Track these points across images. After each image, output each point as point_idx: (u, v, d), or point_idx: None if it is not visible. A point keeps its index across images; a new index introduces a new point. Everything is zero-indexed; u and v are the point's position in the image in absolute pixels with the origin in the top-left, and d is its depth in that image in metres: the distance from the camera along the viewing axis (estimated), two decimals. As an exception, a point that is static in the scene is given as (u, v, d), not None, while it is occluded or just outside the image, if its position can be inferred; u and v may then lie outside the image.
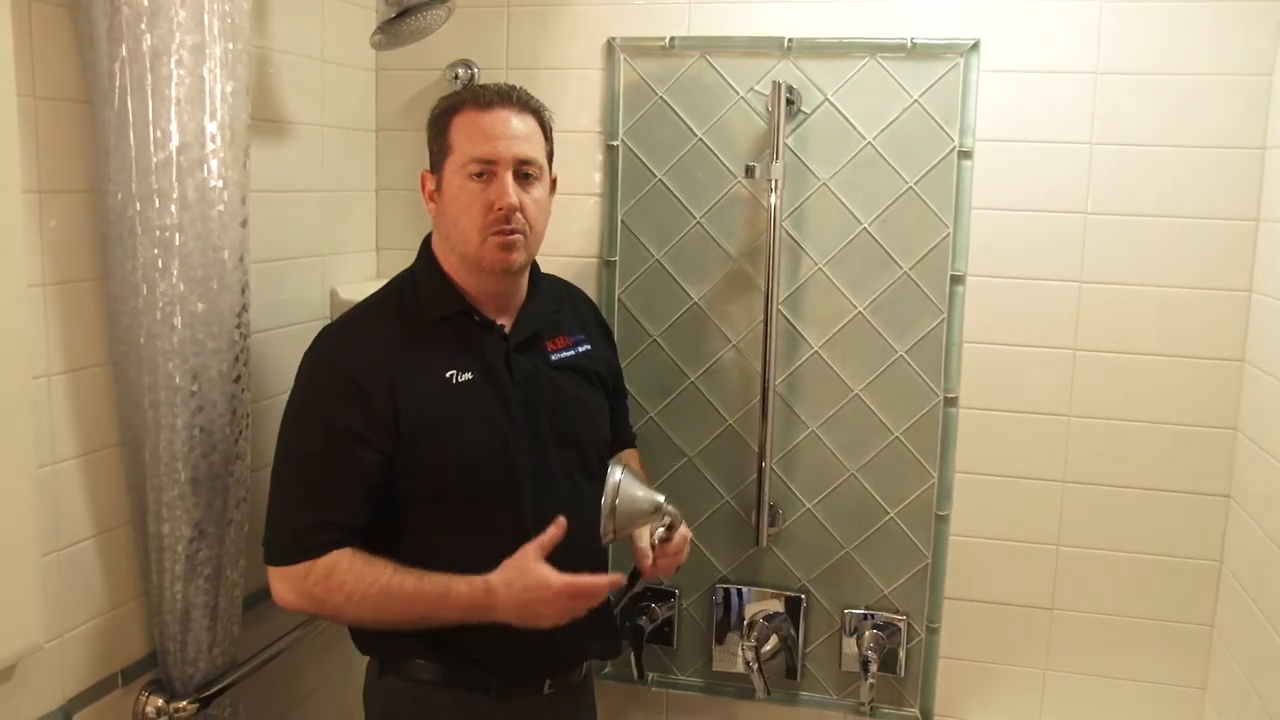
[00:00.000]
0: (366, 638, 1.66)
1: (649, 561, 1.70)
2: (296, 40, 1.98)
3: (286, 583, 1.54)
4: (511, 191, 1.54)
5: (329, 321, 2.13)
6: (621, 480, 1.61)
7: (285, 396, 1.94)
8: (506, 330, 1.65)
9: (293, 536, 1.53)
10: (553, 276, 1.81)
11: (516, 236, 1.56)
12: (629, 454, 1.93)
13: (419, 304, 1.62)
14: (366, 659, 1.73)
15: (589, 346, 1.76)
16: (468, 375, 1.59)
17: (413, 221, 2.27)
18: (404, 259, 2.24)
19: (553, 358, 1.70)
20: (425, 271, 1.65)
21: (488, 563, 1.54)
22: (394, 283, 1.69)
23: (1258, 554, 1.85)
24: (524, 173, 1.57)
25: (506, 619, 1.53)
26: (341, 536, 1.53)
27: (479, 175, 1.55)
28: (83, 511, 1.58)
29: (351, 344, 1.58)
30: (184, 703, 1.70)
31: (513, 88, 1.61)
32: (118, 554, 1.66)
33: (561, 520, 1.55)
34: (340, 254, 2.18)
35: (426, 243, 1.69)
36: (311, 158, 2.05)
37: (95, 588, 1.62)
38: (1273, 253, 1.87)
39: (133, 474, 1.65)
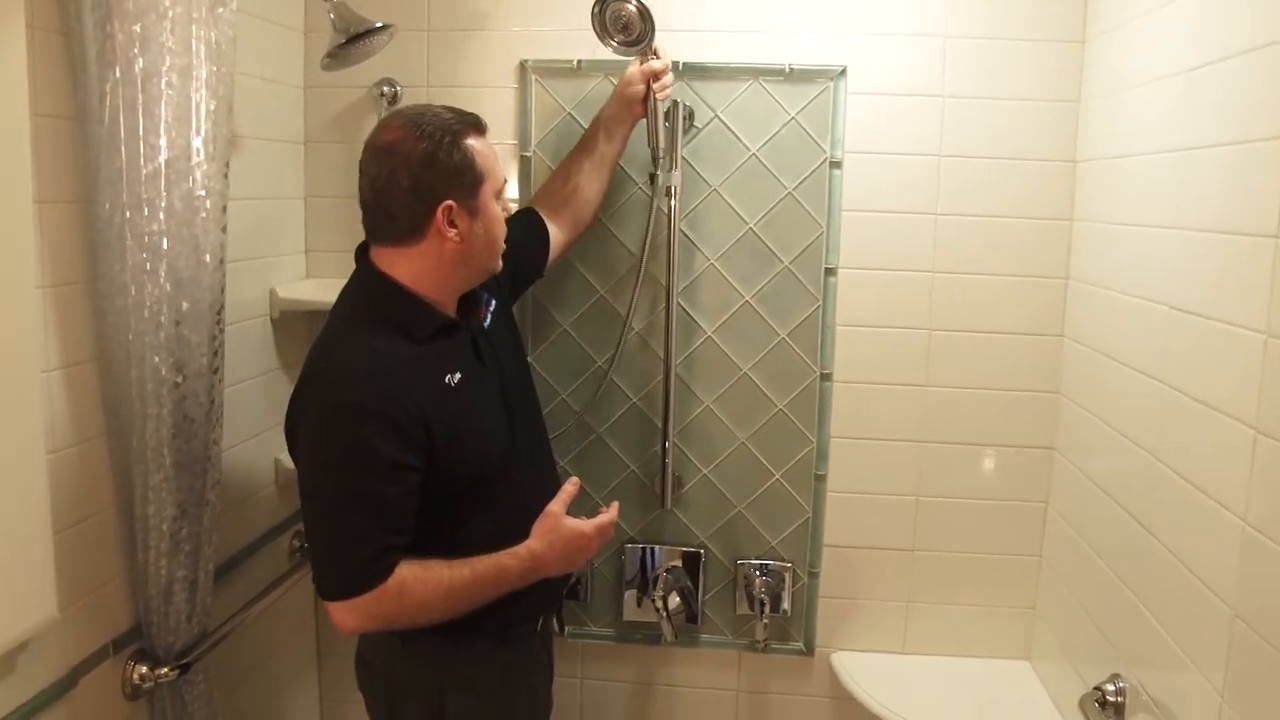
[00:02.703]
0: None
1: (645, 88, 2.10)
2: (240, 61, 2.09)
3: (355, 613, 1.59)
4: None
5: (269, 316, 2.29)
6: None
7: (240, 386, 2.12)
8: (461, 322, 1.75)
9: (358, 570, 1.56)
10: None
11: None
12: (543, 199, 2.17)
13: (405, 328, 1.64)
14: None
15: (494, 301, 1.87)
16: (458, 375, 1.68)
17: (338, 225, 2.43)
18: (331, 260, 2.44)
19: (485, 326, 1.82)
20: (401, 298, 1.66)
21: (496, 535, 1.69)
22: (366, 305, 1.68)
23: (1077, 493, 2.21)
24: None
25: (553, 571, 1.73)
26: (399, 555, 1.59)
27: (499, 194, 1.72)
28: (77, 497, 1.70)
29: (370, 381, 1.57)
30: (165, 669, 1.84)
31: None
32: (105, 535, 1.78)
33: (575, 479, 1.80)
34: (276, 256, 2.33)
35: (375, 266, 1.69)
36: (251, 168, 2.17)
37: (88, 566, 1.74)
38: (1084, 246, 2.22)
39: (119, 460, 1.78)
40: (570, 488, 1.79)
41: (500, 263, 1.78)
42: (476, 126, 1.68)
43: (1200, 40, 1.71)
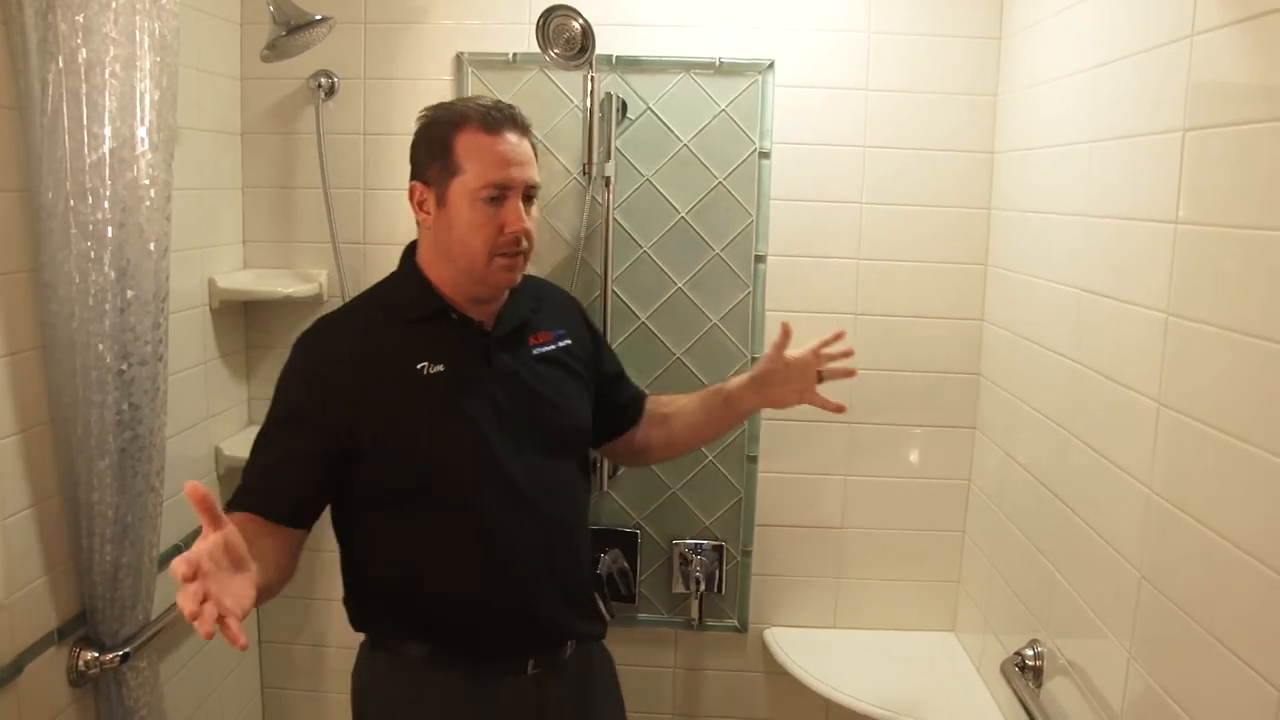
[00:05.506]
0: (360, 614, 1.68)
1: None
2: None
3: None
4: (524, 216, 1.59)
5: (208, 306, 2.31)
6: None
7: (179, 375, 2.13)
8: (487, 327, 1.66)
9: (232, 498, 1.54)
10: (534, 277, 1.80)
11: (520, 257, 1.61)
12: (653, 400, 1.99)
13: (399, 306, 1.64)
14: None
15: (569, 341, 1.78)
16: (439, 368, 1.60)
17: (275, 216, 2.46)
18: (268, 250, 2.46)
19: (534, 352, 1.72)
20: (408, 277, 1.66)
21: (447, 555, 1.59)
22: (379, 286, 1.72)
23: (997, 471, 2.31)
24: (528, 195, 1.60)
25: None
26: (254, 507, 1.52)
27: (491, 199, 1.57)
28: (21, 484, 1.71)
29: (326, 336, 1.61)
30: (110, 655, 1.86)
31: (511, 107, 1.61)
32: (50, 521, 1.79)
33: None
34: (214, 246, 2.34)
35: (410, 252, 1.70)
36: (188, 158, 2.16)
37: (33, 553, 1.75)
38: (1001, 233, 2.32)
39: (63, 448, 1.79)
40: None
41: (511, 276, 1.63)
42: (486, 122, 1.57)
43: (1102, 40, 1.80)
